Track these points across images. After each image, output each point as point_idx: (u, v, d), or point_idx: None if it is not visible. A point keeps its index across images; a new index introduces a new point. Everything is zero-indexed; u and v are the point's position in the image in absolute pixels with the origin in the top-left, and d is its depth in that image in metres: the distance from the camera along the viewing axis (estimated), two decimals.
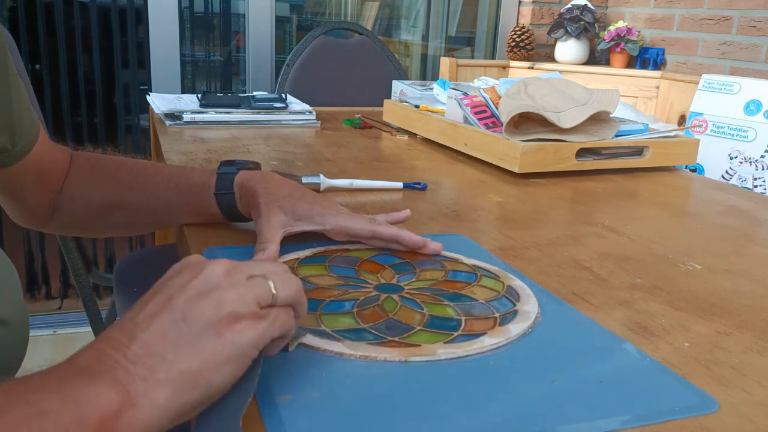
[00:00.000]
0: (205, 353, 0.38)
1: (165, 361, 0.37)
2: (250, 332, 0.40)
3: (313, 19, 2.73)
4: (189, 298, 0.39)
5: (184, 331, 0.38)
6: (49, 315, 2.27)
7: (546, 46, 2.80)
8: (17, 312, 0.61)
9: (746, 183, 1.80)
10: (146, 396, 0.36)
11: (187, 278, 0.41)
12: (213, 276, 0.41)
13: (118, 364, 0.37)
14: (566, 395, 0.44)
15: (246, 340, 0.39)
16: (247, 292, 0.40)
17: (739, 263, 0.74)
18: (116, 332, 0.39)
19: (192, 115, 1.38)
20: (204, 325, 0.39)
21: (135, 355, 0.37)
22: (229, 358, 0.39)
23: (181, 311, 0.39)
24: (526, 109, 1.07)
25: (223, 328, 0.39)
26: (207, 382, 0.38)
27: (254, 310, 0.40)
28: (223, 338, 0.39)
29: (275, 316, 0.41)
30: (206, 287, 0.40)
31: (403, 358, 0.48)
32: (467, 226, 0.81)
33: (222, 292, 0.40)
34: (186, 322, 0.39)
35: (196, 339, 0.38)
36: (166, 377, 0.37)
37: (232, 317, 0.39)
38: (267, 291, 0.41)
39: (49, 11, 2.17)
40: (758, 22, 2.22)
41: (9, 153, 0.68)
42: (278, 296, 0.42)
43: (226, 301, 0.39)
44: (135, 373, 0.37)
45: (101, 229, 0.85)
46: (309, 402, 0.42)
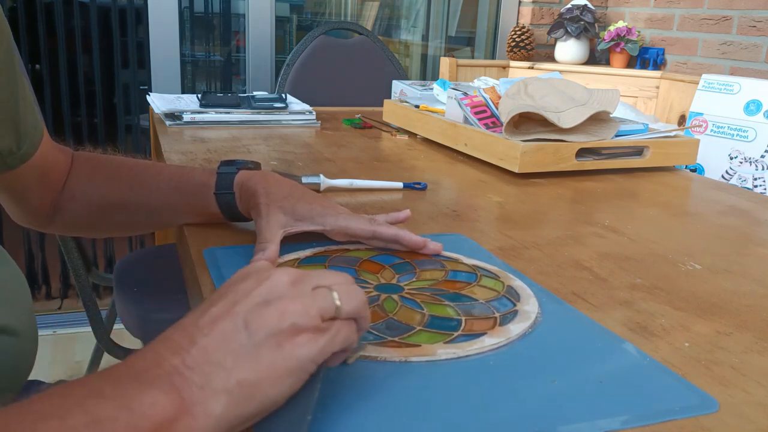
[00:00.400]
0: (264, 364, 0.37)
1: (224, 369, 0.36)
2: (311, 346, 0.39)
3: (313, 19, 2.73)
4: (253, 306, 0.39)
5: (244, 339, 0.37)
6: (49, 315, 2.28)
7: (546, 46, 2.80)
8: (26, 322, 0.61)
9: (746, 183, 1.80)
10: (202, 405, 0.35)
11: (253, 285, 0.40)
12: (278, 285, 0.40)
13: (175, 369, 0.36)
14: (566, 395, 0.44)
15: (306, 353, 0.38)
16: (311, 304, 0.39)
17: (739, 263, 0.74)
18: (176, 334, 0.38)
19: (192, 115, 1.38)
20: (265, 335, 0.38)
21: (194, 361, 0.36)
22: (287, 371, 0.38)
23: (243, 318, 0.38)
24: (526, 109, 1.07)
25: (284, 339, 0.38)
26: (264, 394, 0.37)
27: (316, 324, 0.39)
28: (283, 350, 0.38)
29: (337, 329, 0.40)
30: (271, 296, 0.39)
31: (403, 358, 0.48)
32: (467, 226, 0.81)
33: (286, 302, 0.39)
34: (248, 330, 0.38)
35: (256, 349, 0.37)
36: (223, 386, 0.36)
37: (294, 329, 0.38)
38: (331, 303, 0.40)
39: (49, 11, 2.17)
40: (758, 22, 2.22)
41: (14, 155, 0.68)
42: (342, 309, 0.41)
43: (289, 312, 0.39)
44: (192, 380, 0.36)
45: (102, 229, 0.85)
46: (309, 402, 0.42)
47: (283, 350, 0.38)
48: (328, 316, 0.40)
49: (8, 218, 0.78)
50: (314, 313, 0.39)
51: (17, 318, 0.59)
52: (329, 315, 0.40)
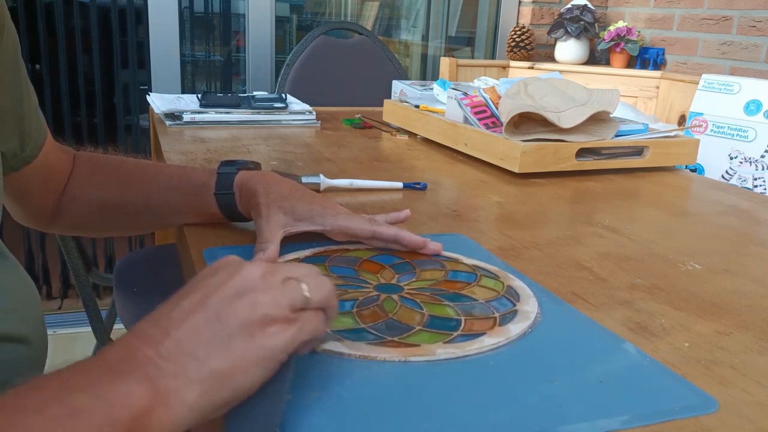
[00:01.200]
0: (236, 354, 0.38)
1: (196, 360, 0.37)
2: (281, 336, 0.40)
3: (313, 19, 2.73)
4: (224, 298, 0.40)
5: (217, 330, 0.38)
6: (49, 315, 2.28)
7: (546, 46, 2.80)
8: (37, 330, 0.61)
9: (746, 183, 1.80)
10: (176, 394, 0.36)
11: (224, 278, 0.41)
12: (249, 277, 0.41)
13: (149, 360, 0.37)
14: (566, 395, 0.44)
15: (276, 343, 0.39)
16: (282, 296, 0.40)
17: (739, 263, 0.74)
18: (149, 327, 0.39)
19: (192, 115, 1.38)
20: (237, 325, 0.39)
21: (167, 352, 0.37)
22: (258, 360, 0.39)
23: (215, 310, 0.39)
24: (526, 109, 1.07)
25: (256, 330, 0.39)
26: (236, 382, 0.38)
27: (286, 314, 0.40)
28: (255, 340, 0.39)
29: (306, 319, 0.41)
30: (242, 288, 0.40)
31: (403, 358, 0.48)
32: (467, 226, 0.81)
33: (257, 294, 0.40)
34: (219, 321, 0.39)
35: (228, 339, 0.38)
36: (196, 376, 0.37)
37: (265, 320, 0.39)
38: (300, 294, 0.41)
39: (49, 11, 2.17)
40: (758, 22, 2.22)
41: (18, 157, 0.68)
42: (311, 299, 0.42)
43: (260, 303, 0.40)
44: (166, 370, 0.37)
45: (102, 229, 0.85)
46: (309, 402, 0.42)
47: (254, 340, 0.39)
48: (298, 306, 0.41)
49: (9, 218, 0.78)
50: (284, 304, 0.40)
51: (29, 326, 0.59)
52: (299, 306, 0.41)
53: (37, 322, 0.62)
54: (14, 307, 0.58)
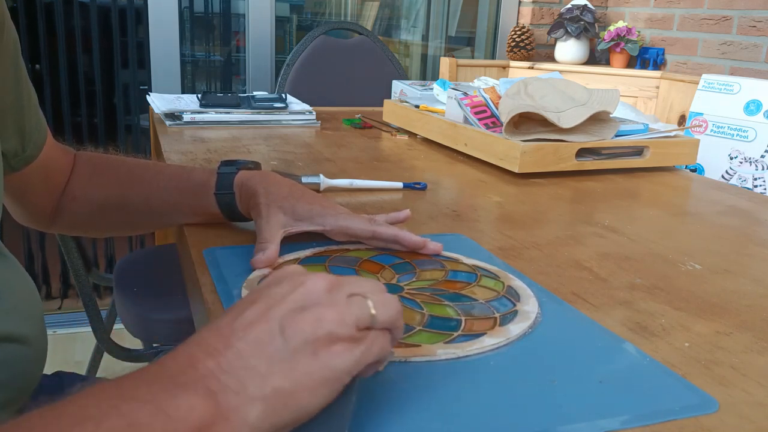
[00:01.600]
0: (299, 372, 0.36)
1: (259, 375, 0.36)
2: (347, 356, 0.37)
3: (313, 19, 2.73)
4: (288, 311, 0.38)
5: (280, 345, 0.36)
6: (49, 315, 2.27)
7: (546, 46, 2.80)
8: (38, 330, 0.61)
9: (746, 183, 1.80)
10: (237, 411, 0.35)
11: (288, 290, 0.39)
12: (314, 291, 0.39)
13: (210, 373, 0.35)
14: (566, 395, 0.44)
15: (342, 364, 0.37)
16: (347, 312, 0.38)
17: (739, 263, 0.74)
18: (211, 336, 0.37)
19: (192, 115, 1.38)
20: (301, 342, 0.37)
21: (229, 365, 0.36)
22: (323, 381, 0.37)
23: (279, 323, 0.37)
24: (526, 109, 1.07)
25: (320, 348, 0.37)
26: (298, 403, 0.36)
27: (352, 333, 0.38)
28: (319, 359, 0.37)
29: (373, 339, 0.39)
30: (306, 302, 0.38)
31: (403, 358, 0.48)
32: (467, 226, 0.81)
33: (322, 309, 0.38)
34: (283, 335, 0.37)
35: (291, 356, 0.36)
36: (259, 393, 0.35)
37: (330, 338, 0.37)
38: (366, 312, 0.39)
39: (49, 11, 2.17)
40: (758, 22, 2.22)
41: (19, 157, 0.68)
42: (377, 318, 0.39)
43: (325, 319, 0.37)
44: (227, 385, 0.35)
45: (103, 229, 0.85)
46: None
47: (318, 359, 0.37)
48: (364, 325, 0.39)
49: (9, 218, 0.78)
50: (350, 322, 0.38)
51: (29, 327, 0.59)
52: (365, 324, 0.39)
53: (37, 323, 0.62)
54: (14, 307, 0.58)
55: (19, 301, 0.60)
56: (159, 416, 0.33)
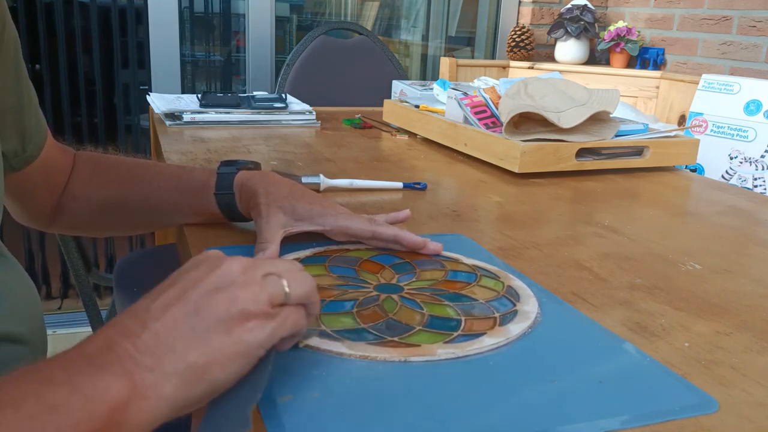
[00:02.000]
0: (212, 348, 0.39)
1: (173, 353, 0.38)
2: (259, 332, 0.40)
3: (313, 19, 2.73)
4: (204, 292, 0.40)
5: (195, 324, 0.39)
6: (49, 315, 2.27)
7: (546, 46, 2.80)
8: (36, 331, 0.61)
9: (746, 183, 1.80)
10: (153, 387, 0.37)
11: (204, 272, 0.41)
12: (229, 272, 0.41)
13: (126, 353, 0.37)
14: (566, 395, 0.44)
15: (254, 338, 0.40)
16: (261, 291, 0.41)
17: (739, 263, 0.74)
18: (128, 320, 0.39)
19: (192, 115, 1.38)
20: (215, 320, 0.39)
21: (144, 345, 0.38)
22: (235, 355, 0.39)
23: (194, 304, 0.39)
24: (526, 109, 1.07)
25: (234, 325, 0.39)
26: (212, 376, 0.39)
27: (265, 310, 0.41)
28: (232, 335, 0.39)
29: (286, 315, 0.42)
30: (222, 283, 0.41)
31: (403, 358, 0.48)
32: (467, 226, 0.81)
33: (236, 289, 0.40)
34: (198, 315, 0.39)
35: (205, 333, 0.39)
36: (173, 369, 0.37)
37: (244, 315, 0.40)
38: (280, 290, 0.42)
39: (49, 11, 2.17)
40: (758, 22, 2.22)
41: (19, 157, 0.68)
42: (291, 295, 0.42)
43: (239, 298, 0.40)
44: (143, 364, 0.37)
45: (103, 229, 0.85)
46: (309, 402, 0.42)
47: (232, 335, 0.39)
48: (278, 302, 0.42)
49: (9, 218, 0.78)
50: (263, 300, 0.41)
51: (28, 327, 0.59)
52: (278, 301, 0.42)
53: (37, 323, 0.62)
54: (14, 308, 0.58)
55: (19, 302, 0.60)
56: (76, 397, 0.34)
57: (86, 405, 0.34)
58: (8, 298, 0.58)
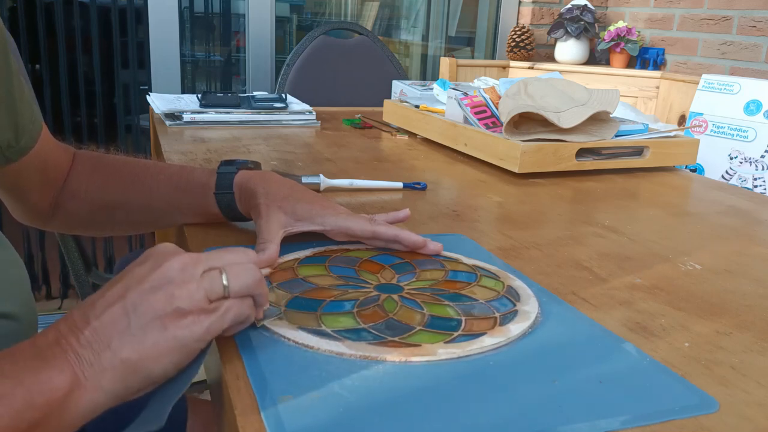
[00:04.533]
0: (147, 344, 0.42)
1: (110, 349, 0.41)
2: (194, 327, 0.43)
3: (313, 19, 2.73)
4: (142, 291, 0.43)
5: (132, 321, 0.42)
6: (49, 315, 2.27)
7: (546, 46, 2.80)
8: (26, 306, 0.62)
9: (746, 183, 1.80)
10: (91, 380, 0.41)
11: (147, 270, 0.44)
12: (168, 271, 0.44)
13: (71, 347, 0.41)
14: (566, 395, 0.44)
15: (189, 334, 0.43)
16: (197, 289, 0.43)
17: (739, 263, 0.74)
18: (77, 315, 0.43)
19: (192, 115, 1.38)
20: (151, 318, 0.42)
21: (86, 340, 0.42)
22: (170, 350, 0.42)
23: (132, 303, 0.43)
24: (526, 109, 1.07)
25: (169, 322, 0.42)
26: (147, 370, 0.42)
27: (201, 306, 0.43)
28: (167, 332, 0.42)
29: (226, 309, 0.44)
30: (160, 282, 0.43)
31: (403, 358, 0.48)
32: (467, 226, 0.81)
33: (173, 287, 0.43)
34: (135, 313, 0.42)
35: (141, 330, 0.42)
36: (109, 364, 0.41)
37: (178, 312, 0.43)
38: (218, 285, 0.44)
39: (49, 11, 2.17)
40: (758, 22, 2.22)
41: (13, 148, 0.68)
42: (230, 288, 0.45)
43: (174, 296, 0.43)
44: (84, 358, 0.41)
45: (102, 228, 0.85)
46: (309, 402, 0.42)
47: (166, 331, 0.42)
48: (216, 296, 0.44)
49: (9, 218, 0.78)
50: (199, 297, 0.43)
51: (16, 303, 0.60)
52: (217, 296, 0.44)
53: (25, 298, 0.63)
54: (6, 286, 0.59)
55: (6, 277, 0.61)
56: (18, 389, 0.39)
57: (27, 396, 0.39)
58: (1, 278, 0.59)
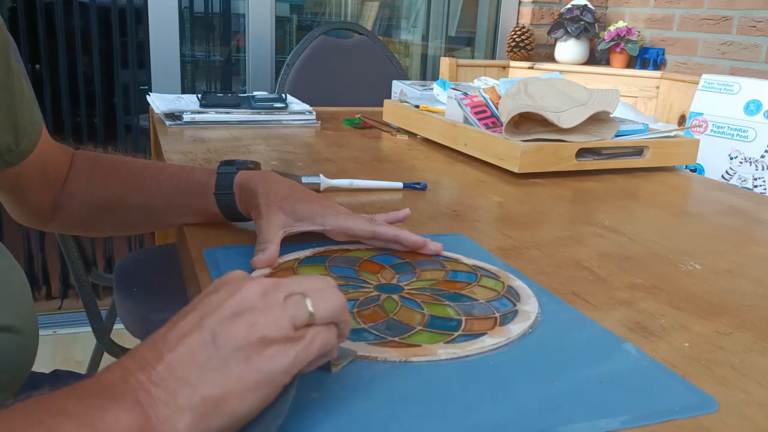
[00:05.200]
0: (230, 379, 0.36)
1: (188, 386, 0.36)
2: (281, 358, 0.38)
3: (313, 19, 2.73)
4: (221, 319, 0.38)
5: (212, 353, 0.37)
6: (49, 315, 2.27)
7: (546, 46, 2.80)
8: (28, 319, 0.61)
9: (746, 183, 1.80)
10: (167, 422, 0.35)
11: (224, 297, 0.39)
12: (248, 296, 0.39)
13: (141, 385, 0.36)
14: (566, 395, 0.44)
15: (275, 366, 0.37)
16: (282, 314, 0.38)
17: (739, 263, 0.74)
18: (145, 349, 0.38)
19: (192, 115, 1.38)
20: (233, 348, 0.37)
21: (159, 377, 0.36)
22: (256, 385, 0.37)
23: (211, 332, 0.37)
24: (526, 109, 1.07)
25: (253, 352, 0.37)
26: (231, 409, 0.36)
27: (287, 334, 0.38)
28: (251, 363, 0.37)
29: (312, 337, 0.39)
30: (240, 308, 0.38)
31: (404, 358, 0.48)
32: (467, 226, 0.81)
33: (256, 314, 0.38)
34: (215, 344, 0.37)
35: (222, 363, 0.37)
36: (187, 403, 0.35)
37: (263, 342, 0.37)
38: (304, 311, 0.39)
39: (49, 11, 2.17)
40: (758, 22, 2.22)
41: (13, 152, 0.68)
42: (316, 315, 0.39)
43: (258, 323, 0.38)
44: (157, 397, 0.35)
45: (101, 228, 0.85)
46: (309, 402, 0.42)
47: (251, 363, 0.37)
48: (301, 324, 0.39)
49: (8, 218, 0.78)
50: (285, 324, 0.38)
51: (19, 315, 0.59)
52: (302, 323, 0.39)
53: (27, 311, 0.61)
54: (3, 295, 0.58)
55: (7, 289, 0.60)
56: (84, 430, 0.33)
57: None
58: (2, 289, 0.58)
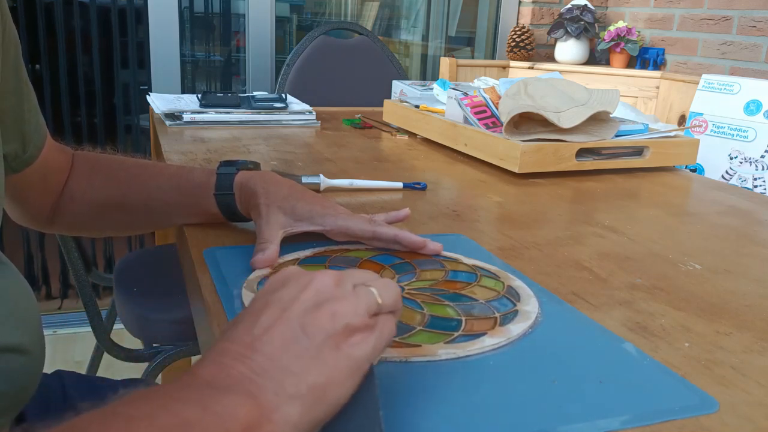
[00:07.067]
0: (329, 366, 0.37)
1: (294, 375, 0.36)
2: (365, 345, 0.39)
3: (313, 19, 2.73)
4: (304, 310, 0.39)
5: (305, 344, 0.37)
6: (49, 315, 2.27)
7: (546, 46, 2.80)
8: (36, 340, 0.60)
9: (746, 183, 1.80)
10: (278, 411, 0.35)
11: (297, 290, 0.40)
12: (324, 287, 0.40)
13: (244, 376, 0.36)
14: (566, 395, 0.44)
15: (362, 353, 0.39)
16: (358, 303, 0.40)
17: (739, 263, 0.74)
18: (233, 345, 0.38)
19: (192, 115, 1.38)
20: (323, 337, 0.38)
21: (260, 368, 0.36)
22: (350, 372, 0.38)
23: (298, 323, 0.38)
24: (526, 109, 1.07)
25: (341, 340, 0.38)
26: (332, 396, 0.37)
27: (366, 321, 0.40)
28: (341, 351, 0.38)
29: (382, 325, 0.41)
30: (319, 299, 0.39)
31: (404, 358, 0.48)
32: (467, 226, 0.81)
33: (335, 303, 0.39)
34: (306, 334, 0.38)
35: (318, 352, 0.37)
36: (296, 391, 0.36)
37: (348, 329, 0.39)
38: (374, 299, 0.41)
39: (49, 11, 2.17)
40: (758, 22, 2.22)
41: (19, 159, 0.68)
42: (383, 303, 0.41)
43: (340, 312, 0.39)
44: (266, 387, 0.35)
45: (101, 229, 0.85)
46: None
47: (341, 351, 0.38)
48: (373, 311, 0.41)
49: (8, 218, 0.78)
50: (362, 311, 0.40)
51: (27, 336, 0.58)
52: (374, 311, 0.41)
53: (35, 331, 0.60)
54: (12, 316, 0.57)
55: (17, 309, 0.58)
56: (208, 415, 0.33)
57: (219, 422, 0.33)
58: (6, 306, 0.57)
